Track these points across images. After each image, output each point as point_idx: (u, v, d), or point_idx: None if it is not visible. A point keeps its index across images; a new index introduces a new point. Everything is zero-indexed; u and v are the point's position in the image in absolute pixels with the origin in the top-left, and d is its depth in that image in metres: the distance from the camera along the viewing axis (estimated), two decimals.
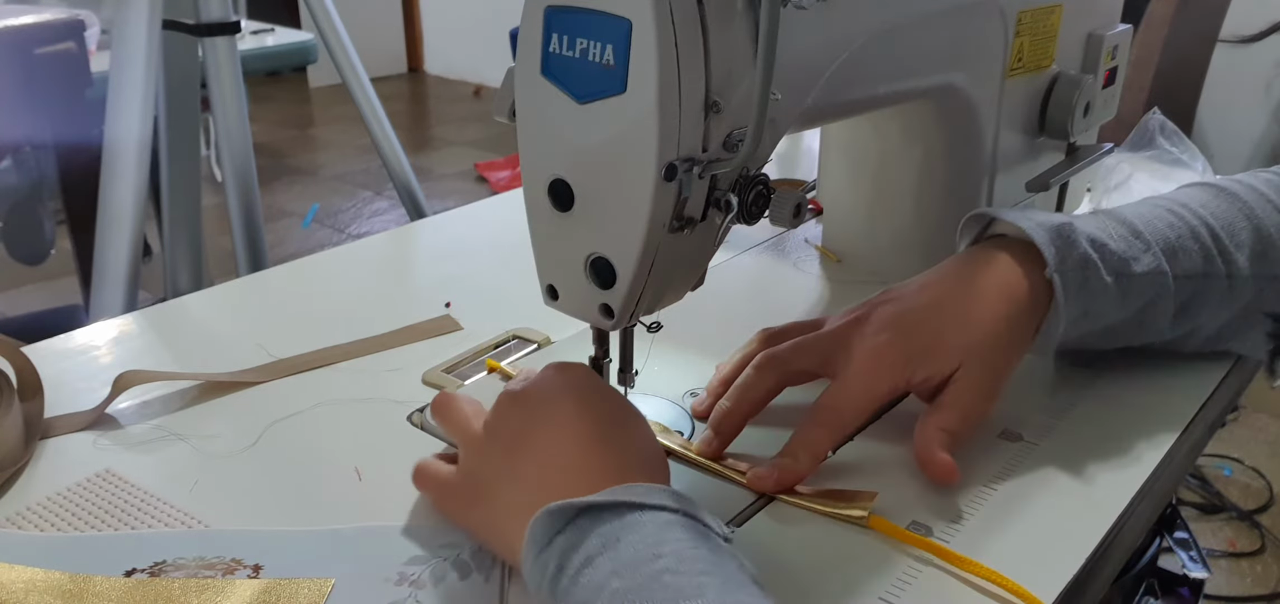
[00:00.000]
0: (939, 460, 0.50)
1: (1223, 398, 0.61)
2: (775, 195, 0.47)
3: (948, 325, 0.53)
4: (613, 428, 0.46)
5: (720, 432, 0.53)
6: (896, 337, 0.53)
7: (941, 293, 0.55)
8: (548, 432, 0.46)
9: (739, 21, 0.45)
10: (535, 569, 0.40)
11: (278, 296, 0.76)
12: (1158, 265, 0.56)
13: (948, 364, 0.52)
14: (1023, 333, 0.55)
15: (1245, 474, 1.87)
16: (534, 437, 0.46)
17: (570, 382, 0.48)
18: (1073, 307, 0.55)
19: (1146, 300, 0.57)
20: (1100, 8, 0.76)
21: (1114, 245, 0.56)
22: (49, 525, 0.49)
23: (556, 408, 0.47)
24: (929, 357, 0.52)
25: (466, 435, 0.50)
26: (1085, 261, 0.55)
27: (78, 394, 0.60)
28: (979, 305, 0.54)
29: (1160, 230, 0.58)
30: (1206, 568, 1.22)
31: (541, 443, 0.46)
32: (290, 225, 3.22)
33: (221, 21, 1.08)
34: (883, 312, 0.54)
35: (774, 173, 1.00)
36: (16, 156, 1.47)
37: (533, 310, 0.60)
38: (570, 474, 0.44)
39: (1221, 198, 0.61)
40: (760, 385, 0.54)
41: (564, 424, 0.46)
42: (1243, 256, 0.58)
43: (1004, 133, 0.70)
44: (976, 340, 0.53)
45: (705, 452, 0.53)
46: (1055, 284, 0.54)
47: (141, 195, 1.02)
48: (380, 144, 1.26)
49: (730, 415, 0.54)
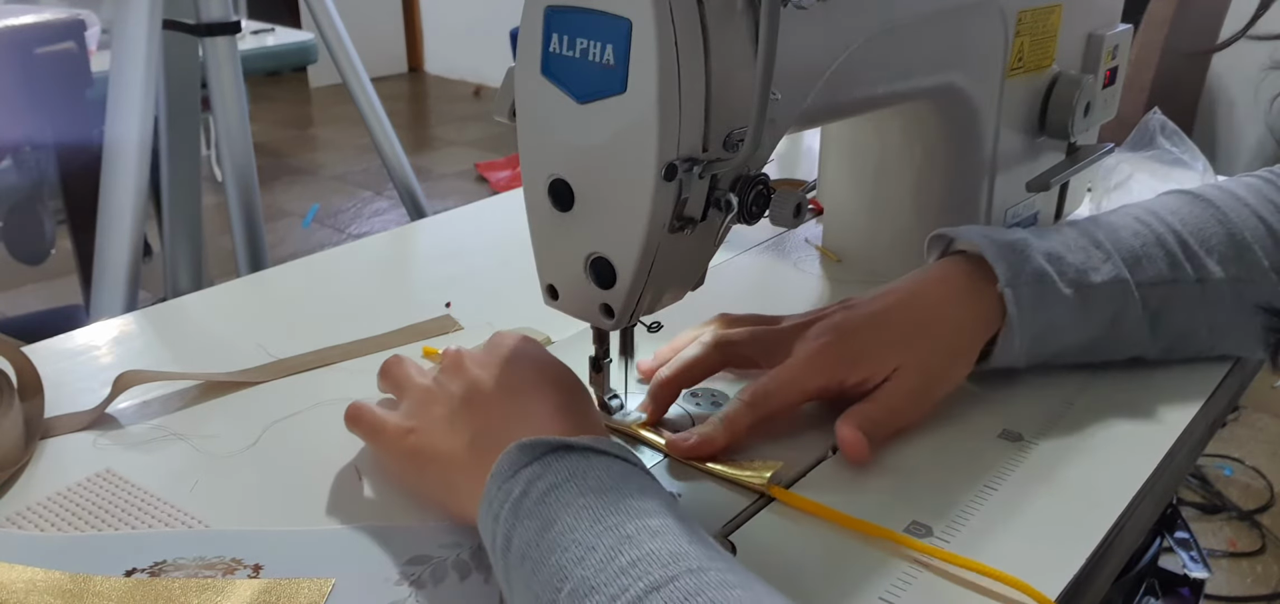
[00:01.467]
0: (848, 435, 0.52)
1: (1223, 398, 0.61)
2: (775, 195, 0.47)
3: (890, 333, 0.55)
4: (570, 398, 0.48)
5: (655, 397, 0.56)
6: (835, 341, 0.55)
7: (890, 302, 0.57)
8: (505, 393, 0.48)
9: (739, 21, 0.45)
10: (498, 496, 0.42)
11: (278, 296, 0.76)
12: (1117, 273, 0.57)
13: (883, 368, 0.54)
14: (968, 346, 0.57)
15: (1245, 474, 1.87)
16: (489, 396, 0.49)
17: (526, 351, 0.51)
18: (1029, 321, 0.56)
19: (1112, 311, 0.58)
20: (1100, 8, 0.76)
21: (1071, 257, 0.57)
22: (49, 525, 0.48)
23: (514, 372, 0.49)
24: (863, 361, 0.54)
25: (414, 386, 0.52)
26: (1040, 275, 0.56)
27: (78, 394, 0.60)
28: (925, 318, 0.56)
29: (1123, 239, 0.59)
30: (1207, 568, 1.22)
31: (497, 403, 0.48)
32: (290, 225, 3.22)
33: (222, 21, 1.08)
34: (831, 318, 0.56)
35: (774, 173, 1.00)
36: (16, 156, 1.47)
37: (533, 310, 0.60)
38: (528, 434, 0.45)
39: (1195, 204, 0.61)
40: (703, 361, 0.57)
41: (522, 389, 0.48)
42: (1213, 261, 0.59)
43: (1004, 133, 0.70)
44: (916, 348, 0.55)
45: (648, 424, 0.55)
46: (1007, 298, 0.55)
47: (141, 195, 1.02)
48: (380, 144, 1.26)
49: (667, 383, 0.56)
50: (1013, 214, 0.74)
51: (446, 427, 0.48)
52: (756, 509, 0.50)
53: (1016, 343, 0.56)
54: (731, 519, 0.49)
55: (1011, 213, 0.74)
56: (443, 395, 0.50)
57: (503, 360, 0.50)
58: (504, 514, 0.41)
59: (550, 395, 0.48)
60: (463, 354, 0.52)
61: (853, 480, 0.52)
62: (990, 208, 0.71)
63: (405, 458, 0.50)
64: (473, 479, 0.45)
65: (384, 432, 0.51)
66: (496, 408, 0.48)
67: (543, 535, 0.39)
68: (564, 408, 0.47)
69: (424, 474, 0.49)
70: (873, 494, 0.50)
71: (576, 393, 0.50)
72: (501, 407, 0.48)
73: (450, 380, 0.51)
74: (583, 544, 0.38)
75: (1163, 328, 0.59)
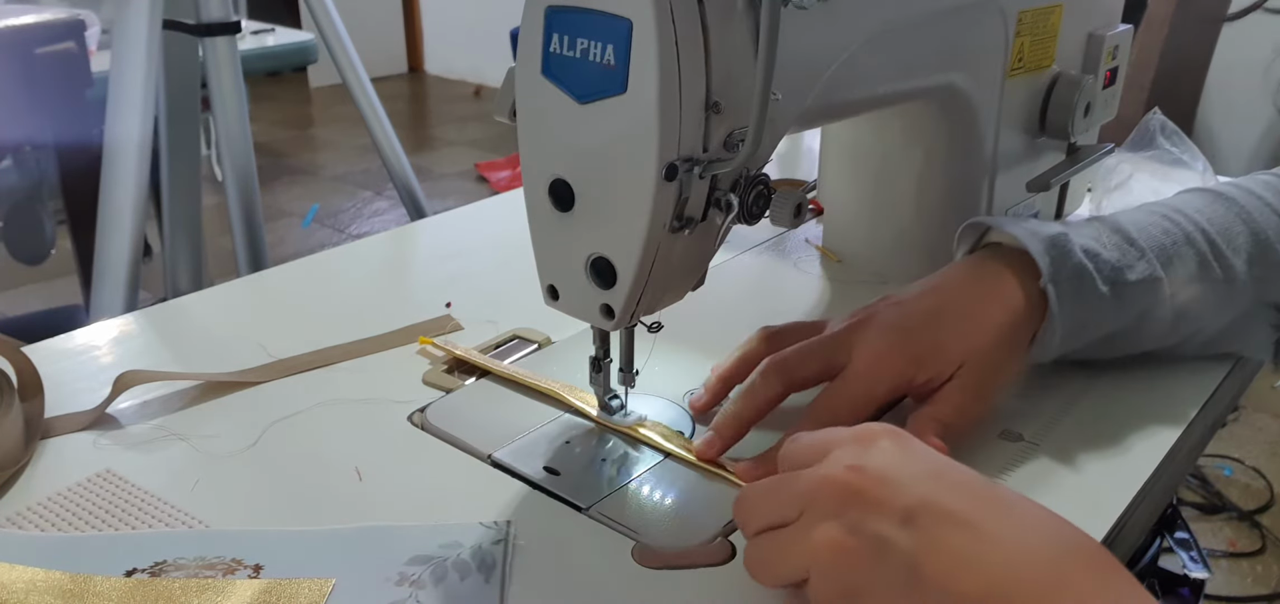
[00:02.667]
0: (931, 444, 0.50)
1: (1223, 398, 0.61)
2: (775, 195, 0.47)
3: (948, 331, 0.54)
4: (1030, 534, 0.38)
5: (722, 435, 0.53)
6: (899, 339, 0.53)
7: (943, 300, 0.55)
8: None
9: (739, 21, 0.45)
10: None
11: (278, 296, 0.76)
12: (1152, 272, 0.57)
13: (947, 368, 0.53)
14: (1019, 342, 0.55)
15: (1245, 474, 1.87)
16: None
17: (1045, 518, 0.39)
18: (1067, 316, 0.55)
19: (1143, 307, 0.57)
20: (1100, 8, 0.76)
21: (1108, 254, 0.57)
22: (49, 525, 0.48)
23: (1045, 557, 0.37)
24: (930, 360, 0.53)
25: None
26: (1080, 272, 0.55)
27: (78, 394, 0.60)
28: (978, 313, 0.54)
29: (1155, 237, 0.58)
30: (1207, 568, 1.21)
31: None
32: (290, 225, 3.22)
33: (222, 21, 1.08)
34: (886, 315, 0.54)
35: (774, 173, 1.00)
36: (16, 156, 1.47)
37: (533, 310, 0.60)
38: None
39: (1218, 203, 0.61)
40: (765, 392, 0.53)
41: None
42: (1240, 261, 0.59)
43: (1004, 133, 0.70)
44: (975, 347, 0.53)
45: (704, 454, 0.53)
46: (1049, 294, 0.55)
47: (141, 195, 1.02)
48: (380, 144, 1.26)
49: (734, 420, 0.53)
50: (1013, 214, 0.74)
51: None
52: None
53: (1056, 338, 0.55)
54: (732, 519, 0.49)
55: (1012, 213, 0.74)
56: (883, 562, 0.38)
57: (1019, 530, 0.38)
58: None
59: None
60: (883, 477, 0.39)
61: None
62: (990, 208, 0.71)
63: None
64: None
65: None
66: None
67: None
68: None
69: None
70: None
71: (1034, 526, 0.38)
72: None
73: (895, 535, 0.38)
74: None
75: (1183, 324, 0.59)
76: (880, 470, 0.39)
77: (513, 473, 0.52)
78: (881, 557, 0.38)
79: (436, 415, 0.57)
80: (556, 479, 0.52)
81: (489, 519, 0.48)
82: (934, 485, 0.39)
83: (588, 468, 0.53)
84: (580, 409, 0.57)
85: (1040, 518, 0.39)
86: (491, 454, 0.54)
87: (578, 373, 0.57)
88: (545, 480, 0.52)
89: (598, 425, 0.57)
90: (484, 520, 0.48)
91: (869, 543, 0.38)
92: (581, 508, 0.50)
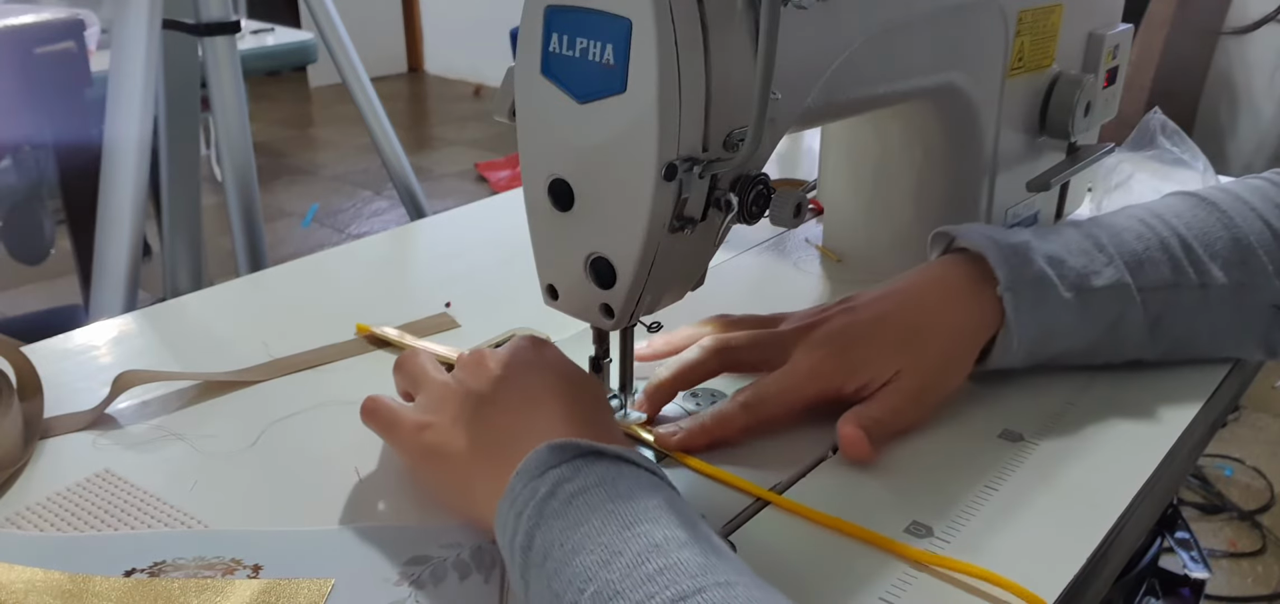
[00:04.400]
0: (850, 433, 0.52)
1: (1223, 398, 0.61)
2: (775, 195, 0.47)
3: (889, 339, 0.55)
4: (593, 409, 0.48)
5: (651, 399, 0.56)
6: (835, 351, 0.55)
7: (890, 307, 0.57)
8: (527, 396, 0.48)
9: (739, 21, 0.45)
10: (523, 493, 0.41)
11: (278, 296, 0.76)
12: (1119, 278, 0.57)
13: (882, 374, 0.54)
14: (967, 350, 0.57)
15: (1246, 474, 1.87)
16: (511, 397, 0.48)
17: (551, 357, 0.50)
18: (1028, 324, 0.56)
19: (1113, 314, 0.58)
20: (1101, 7, 0.76)
21: (1073, 261, 0.57)
22: (49, 525, 0.48)
23: (539, 376, 0.48)
24: (864, 368, 0.54)
25: (432, 382, 0.51)
26: (1040, 279, 0.56)
27: (78, 394, 0.60)
28: (925, 319, 0.56)
29: (1127, 242, 0.58)
30: (1207, 568, 1.22)
31: (519, 405, 0.47)
32: (290, 225, 3.22)
33: (221, 21, 1.08)
34: (832, 324, 0.56)
35: (774, 173, 1.00)
36: (16, 156, 1.47)
37: (533, 310, 0.60)
38: (550, 439, 0.44)
39: (1200, 207, 0.61)
40: (701, 366, 0.57)
41: (545, 392, 0.47)
42: (1217, 266, 0.58)
43: (1004, 133, 0.70)
44: (916, 353, 0.55)
45: (639, 418, 0.56)
46: (1006, 302, 0.55)
47: (141, 195, 1.02)
48: (380, 144, 1.26)
49: (665, 386, 0.56)
50: (1013, 214, 0.74)
51: (464, 425, 0.48)
52: (756, 509, 0.50)
53: (1015, 345, 0.56)
54: (731, 519, 0.49)
55: (1012, 213, 0.74)
56: (461, 393, 0.49)
57: (526, 363, 0.49)
58: (527, 511, 0.41)
59: (574, 402, 0.47)
60: (484, 354, 0.51)
61: (853, 480, 0.52)
62: (990, 208, 0.71)
63: (419, 454, 0.49)
64: (488, 479, 0.44)
65: (399, 426, 0.50)
66: (518, 410, 0.47)
67: (568, 536, 0.39)
68: (587, 419, 0.46)
69: (437, 471, 0.49)
70: (873, 494, 0.50)
71: (600, 404, 0.49)
72: (523, 409, 0.47)
73: (470, 378, 0.50)
74: (609, 547, 0.37)
75: (1163, 331, 0.59)
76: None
77: None
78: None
79: None
80: None
81: None
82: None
83: None
84: None
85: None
86: None
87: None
88: None
89: None
90: None
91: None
92: None
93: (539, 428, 0.45)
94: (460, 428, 0.48)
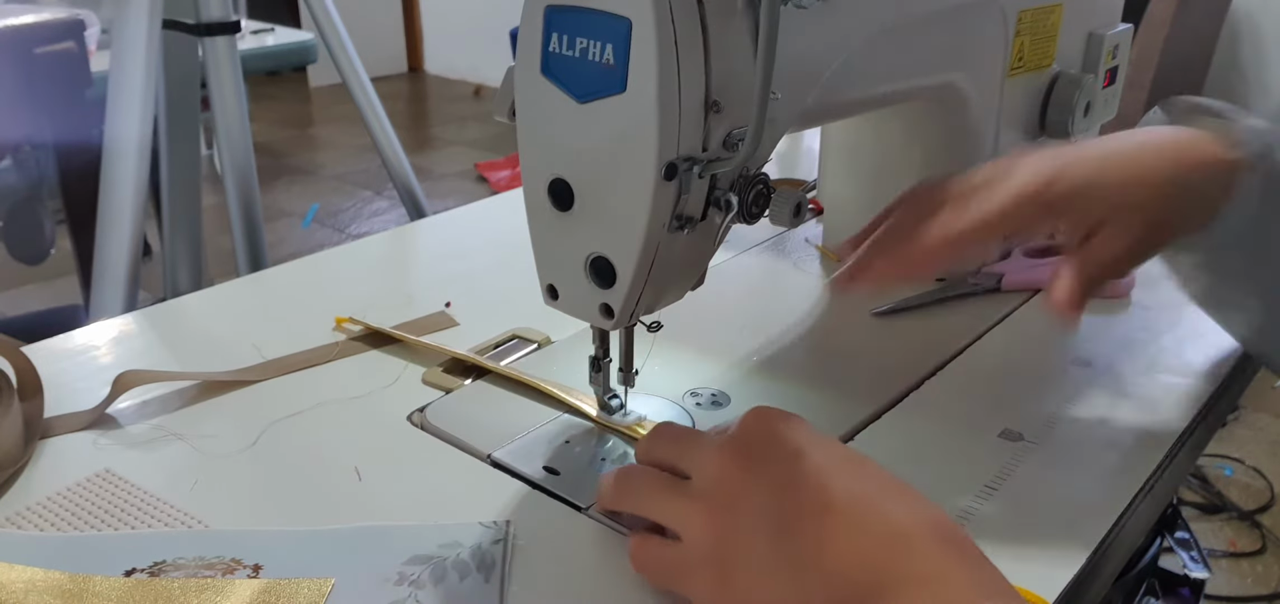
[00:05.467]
0: (1058, 295, 0.49)
1: (1223, 398, 0.61)
2: (775, 195, 0.47)
3: (1109, 175, 0.52)
4: (890, 500, 0.40)
5: (867, 268, 0.53)
6: (1057, 167, 0.51)
7: (1110, 147, 0.53)
8: (824, 509, 0.39)
9: (739, 21, 0.45)
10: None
11: (278, 296, 0.76)
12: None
13: (1095, 213, 0.51)
14: (1190, 208, 0.52)
15: (1246, 474, 1.87)
16: (808, 515, 0.39)
17: (823, 447, 0.42)
18: (1261, 205, 0.52)
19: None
20: (1100, 7, 0.76)
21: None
22: (49, 525, 0.48)
23: (825, 481, 0.40)
24: (1079, 198, 0.51)
25: (699, 507, 0.42)
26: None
27: (78, 394, 0.60)
28: (1145, 164, 0.52)
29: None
30: (1207, 568, 1.22)
31: (820, 524, 0.39)
32: (290, 225, 3.22)
33: (221, 21, 1.08)
34: (1049, 151, 0.53)
35: (774, 173, 1.00)
36: (16, 156, 1.47)
37: (533, 310, 0.60)
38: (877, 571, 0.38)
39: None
40: (904, 217, 0.54)
41: (846, 507, 0.39)
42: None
43: (1004, 133, 0.70)
44: (1132, 197, 0.51)
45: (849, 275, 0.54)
46: (1244, 185, 0.51)
47: (141, 195, 1.02)
48: (380, 144, 1.26)
49: (880, 243, 0.53)
50: None
51: (760, 561, 0.39)
52: None
53: (1251, 209, 0.52)
54: None
55: None
56: (747, 523, 0.40)
57: (802, 470, 0.41)
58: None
59: (948, 551, 0.38)
60: (754, 460, 0.42)
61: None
62: None
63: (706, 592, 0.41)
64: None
65: (680, 567, 0.42)
66: (819, 546, 0.38)
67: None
68: (975, 578, 0.37)
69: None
70: None
71: (896, 493, 0.41)
72: (872, 568, 0.37)
73: (753, 496, 0.41)
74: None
75: None
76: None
77: (512, 473, 0.52)
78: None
79: (436, 415, 0.57)
80: (556, 479, 0.52)
81: (488, 519, 0.48)
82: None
83: (587, 468, 0.53)
84: (580, 409, 0.57)
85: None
86: (491, 454, 0.54)
87: (577, 373, 0.57)
88: (545, 480, 0.52)
89: (597, 425, 0.57)
90: (483, 520, 0.48)
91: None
92: (581, 508, 0.50)
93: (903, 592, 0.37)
94: (765, 566, 0.39)
